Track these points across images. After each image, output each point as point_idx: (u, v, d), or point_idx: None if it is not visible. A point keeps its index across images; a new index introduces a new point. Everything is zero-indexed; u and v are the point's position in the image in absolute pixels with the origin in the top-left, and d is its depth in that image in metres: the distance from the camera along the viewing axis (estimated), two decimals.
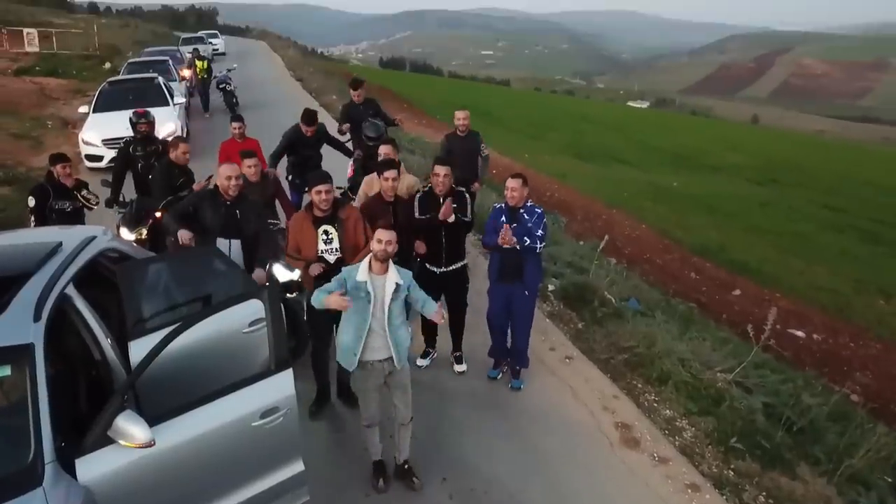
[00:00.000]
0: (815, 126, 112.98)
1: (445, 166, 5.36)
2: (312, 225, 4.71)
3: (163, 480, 3.09)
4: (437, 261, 5.46)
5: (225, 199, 4.99)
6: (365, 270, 4.03)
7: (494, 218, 5.24)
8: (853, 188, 27.73)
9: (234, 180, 4.94)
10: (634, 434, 4.81)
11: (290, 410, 3.49)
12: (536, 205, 5.29)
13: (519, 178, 5.16)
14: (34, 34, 30.95)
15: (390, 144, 6.24)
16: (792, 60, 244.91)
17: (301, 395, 4.30)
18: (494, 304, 5.43)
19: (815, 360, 9.58)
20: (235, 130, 7.93)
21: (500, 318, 5.44)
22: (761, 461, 4.71)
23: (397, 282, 4.05)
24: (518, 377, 5.55)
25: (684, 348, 5.97)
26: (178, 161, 6.44)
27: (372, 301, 4.00)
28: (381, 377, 4.18)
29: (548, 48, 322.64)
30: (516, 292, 5.25)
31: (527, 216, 5.14)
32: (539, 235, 5.11)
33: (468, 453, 4.60)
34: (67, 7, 77.56)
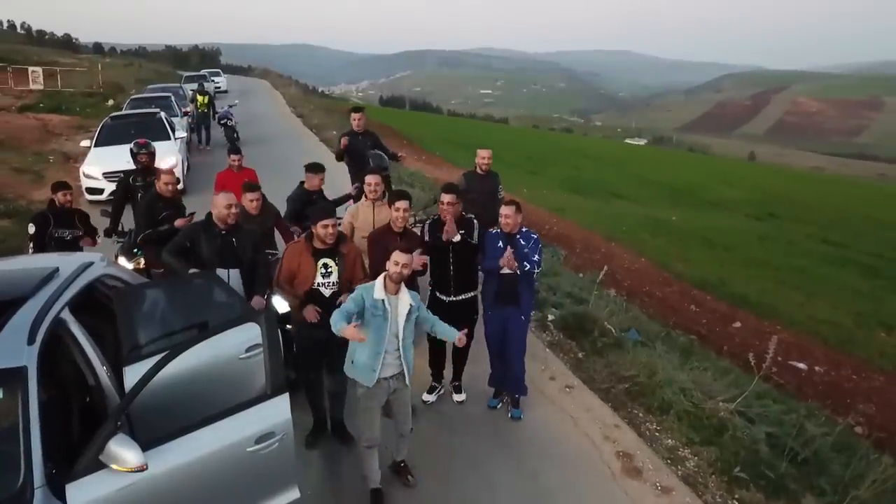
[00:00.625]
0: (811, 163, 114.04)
1: (451, 193, 5.36)
2: (312, 256, 4.62)
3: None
4: (446, 289, 5.42)
5: (220, 229, 4.96)
6: (381, 289, 4.15)
7: (491, 243, 5.24)
8: (851, 223, 27.83)
9: (234, 209, 4.93)
10: (636, 463, 4.73)
11: (286, 436, 3.44)
12: (532, 230, 5.31)
13: (512, 206, 5.18)
14: (39, 72, 31.42)
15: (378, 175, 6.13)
16: (787, 98, 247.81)
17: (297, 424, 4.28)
18: (491, 327, 5.39)
19: (817, 392, 9.49)
20: (234, 162, 7.98)
21: (498, 341, 5.39)
22: (766, 491, 4.63)
23: (410, 303, 4.22)
24: (517, 406, 5.46)
25: (685, 378, 5.91)
26: (162, 192, 6.23)
27: (389, 319, 4.14)
28: (387, 395, 4.30)
29: (545, 87, 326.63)
30: (512, 317, 5.24)
31: (523, 241, 5.16)
32: (536, 260, 5.14)
33: (468, 484, 4.52)
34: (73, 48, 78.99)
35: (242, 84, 47.60)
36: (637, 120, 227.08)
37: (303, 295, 4.62)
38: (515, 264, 4.99)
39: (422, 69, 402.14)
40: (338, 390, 4.87)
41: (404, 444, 4.56)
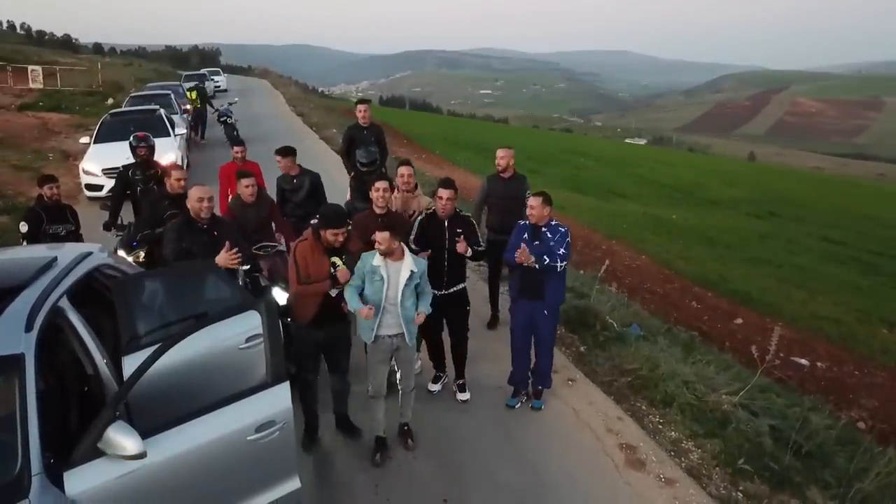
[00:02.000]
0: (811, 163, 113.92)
1: (449, 189, 5.32)
2: (324, 254, 4.50)
3: (153, 495, 2.99)
4: (437, 284, 5.35)
5: (201, 225, 4.87)
6: (380, 256, 4.42)
7: (517, 235, 5.19)
8: (852, 221, 27.82)
9: (206, 202, 4.84)
10: (639, 455, 4.70)
11: (286, 424, 3.40)
12: (561, 224, 5.24)
13: (540, 197, 5.13)
14: (39, 71, 31.39)
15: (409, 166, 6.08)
16: (787, 99, 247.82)
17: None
18: (517, 319, 5.34)
19: (819, 387, 9.44)
20: (237, 155, 7.94)
21: (524, 334, 5.32)
22: (770, 483, 4.60)
23: (412, 269, 4.46)
24: (539, 397, 5.43)
25: (688, 371, 5.87)
26: (173, 189, 5.93)
27: (385, 283, 4.40)
28: (390, 352, 4.60)
29: (545, 87, 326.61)
30: (538, 310, 5.18)
31: (549, 234, 5.10)
32: (560, 254, 5.05)
33: (470, 477, 4.48)
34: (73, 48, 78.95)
35: (242, 83, 47.60)
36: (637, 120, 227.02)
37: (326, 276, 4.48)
38: (532, 259, 4.91)
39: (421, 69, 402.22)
40: (341, 388, 4.84)
41: (409, 403, 4.81)
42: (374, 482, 4.38)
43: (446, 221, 5.28)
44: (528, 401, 5.44)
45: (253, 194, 5.98)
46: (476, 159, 31.79)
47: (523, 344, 5.32)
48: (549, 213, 5.12)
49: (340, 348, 4.73)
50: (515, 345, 5.38)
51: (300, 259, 4.49)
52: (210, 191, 4.95)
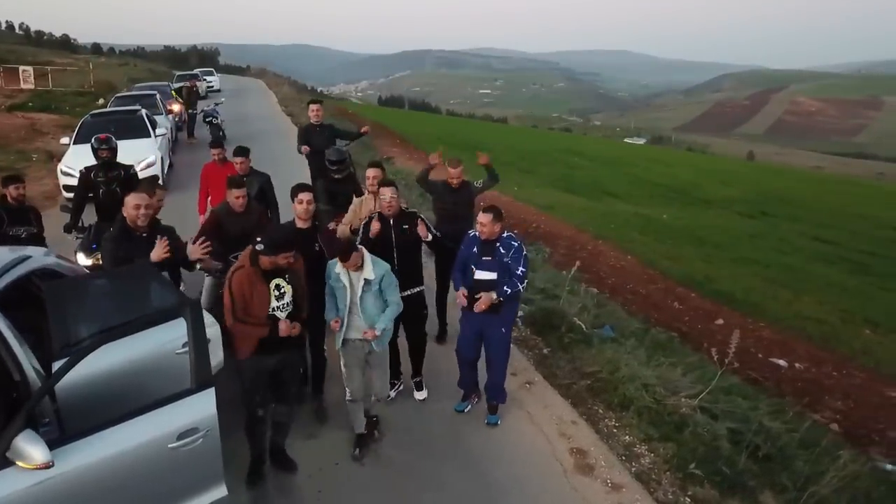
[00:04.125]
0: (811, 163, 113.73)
1: (391, 186, 5.26)
2: (263, 279, 4.16)
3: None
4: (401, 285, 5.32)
5: (140, 234, 4.72)
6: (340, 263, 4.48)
7: (467, 247, 5.00)
8: (846, 221, 27.72)
9: (144, 209, 4.69)
10: (589, 460, 4.64)
11: (210, 431, 3.35)
12: (514, 236, 5.02)
13: (490, 213, 4.85)
14: (30, 72, 31.30)
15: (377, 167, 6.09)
16: (786, 98, 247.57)
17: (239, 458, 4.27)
18: (465, 331, 5.15)
19: (796, 388, 9.39)
20: (216, 156, 7.91)
21: (470, 350, 5.16)
22: (720, 488, 4.54)
23: (366, 277, 4.49)
24: (495, 413, 5.22)
25: (650, 374, 5.81)
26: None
27: (348, 289, 4.50)
28: (362, 354, 4.64)
29: (545, 87, 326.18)
30: (489, 325, 4.98)
31: (503, 249, 4.87)
32: (520, 274, 4.85)
33: (416, 481, 4.44)
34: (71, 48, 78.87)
35: (238, 84, 47.56)
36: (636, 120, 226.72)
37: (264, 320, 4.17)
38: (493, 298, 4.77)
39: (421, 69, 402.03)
40: (286, 420, 4.57)
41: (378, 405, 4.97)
42: (316, 488, 4.33)
43: (392, 220, 5.23)
44: (478, 403, 5.34)
45: (242, 206, 5.73)
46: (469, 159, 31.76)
47: (470, 355, 5.17)
48: (499, 229, 4.91)
49: (290, 374, 4.49)
50: (461, 357, 5.24)
51: (237, 291, 4.11)
52: (147, 198, 4.82)
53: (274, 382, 4.39)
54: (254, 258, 4.13)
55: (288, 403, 4.52)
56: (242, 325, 4.14)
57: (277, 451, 4.63)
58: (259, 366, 4.26)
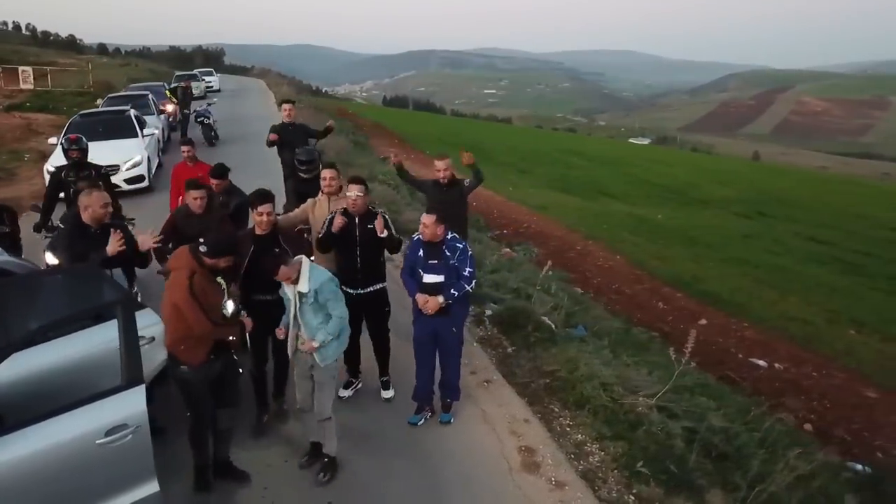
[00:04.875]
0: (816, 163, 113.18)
1: (359, 184, 5.30)
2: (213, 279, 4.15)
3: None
4: (353, 282, 5.33)
5: (94, 230, 4.74)
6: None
7: (413, 251, 5.04)
8: (844, 221, 27.58)
9: (110, 208, 4.77)
10: (536, 458, 4.67)
11: (140, 428, 3.39)
12: (458, 239, 5.07)
13: (433, 215, 4.90)
14: (29, 72, 31.47)
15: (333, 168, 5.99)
16: (792, 98, 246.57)
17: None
18: (419, 333, 5.17)
19: (773, 389, 9.38)
20: (185, 154, 7.96)
21: (427, 349, 5.16)
22: (666, 486, 4.56)
23: (299, 290, 4.34)
24: (448, 410, 5.25)
25: (609, 373, 5.83)
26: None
27: (291, 302, 4.41)
28: (307, 368, 4.49)
29: (549, 87, 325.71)
30: (442, 326, 5.03)
31: (448, 252, 4.93)
32: (468, 275, 4.92)
33: (363, 476, 4.48)
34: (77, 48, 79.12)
35: (239, 84, 47.69)
36: (641, 120, 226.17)
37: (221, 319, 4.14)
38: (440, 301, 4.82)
39: (426, 69, 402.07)
40: (228, 426, 4.48)
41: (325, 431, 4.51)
42: (262, 484, 4.36)
43: (357, 218, 5.26)
44: (432, 417, 5.27)
45: (202, 206, 5.63)
46: None
47: (426, 359, 5.16)
48: (442, 231, 4.92)
49: (232, 378, 4.43)
50: (418, 360, 5.22)
51: (201, 294, 4.02)
52: (109, 197, 4.88)
53: (217, 387, 4.31)
54: (199, 260, 4.08)
55: (232, 406, 4.45)
56: (220, 327, 4.10)
57: (223, 463, 4.51)
58: (209, 371, 4.20)
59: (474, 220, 16.99)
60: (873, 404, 9.32)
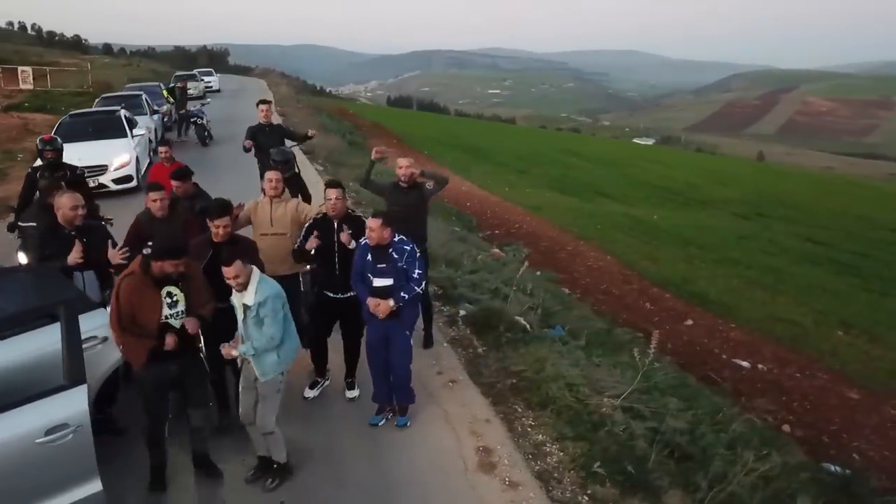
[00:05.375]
0: (821, 163, 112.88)
1: (337, 188, 5.29)
2: (154, 287, 4.08)
3: None
4: (332, 287, 5.35)
5: (69, 231, 4.73)
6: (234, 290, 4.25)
7: (360, 256, 4.98)
8: (843, 222, 27.52)
9: (80, 210, 4.76)
10: (493, 458, 4.68)
11: (81, 427, 3.41)
12: (405, 241, 5.02)
13: (378, 218, 4.86)
14: (29, 72, 31.65)
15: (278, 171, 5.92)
16: (797, 98, 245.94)
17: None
18: (370, 337, 5.14)
19: (754, 389, 9.36)
20: (162, 154, 7.99)
21: (379, 352, 5.11)
22: (622, 487, 4.55)
23: (244, 303, 4.21)
24: (405, 414, 5.20)
25: (576, 373, 5.83)
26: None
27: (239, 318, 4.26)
28: (252, 380, 4.34)
29: (554, 87, 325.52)
30: (393, 330, 4.98)
31: (396, 255, 4.88)
32: (417, 277, 4.89)
33: (318, 476, 4.49)
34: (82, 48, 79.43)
35: (240, 84, 47.83)
36: (646, 120, 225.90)
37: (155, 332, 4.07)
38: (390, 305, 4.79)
39: (430, 69, 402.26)
40: (201, 424, 4.47)
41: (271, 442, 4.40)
42: (217, 485, 4.38)
43: (336, 222, 5.26)
44: (394, 417, 5.24)
45: (162, 209, 5.51)
46: (464, 159, 31.82)
47: (380, 362, 5.12)
48: (389, 234, 4.88)
49: (195, 380, 4.38)
50: (371, 364, 5.18)
51: (124, 299, 3.97)
52: (81, 198, 4.90)
53: (180, 389, 4.33)
54: (145, 265, 4.06)
55: (200, 407, 4.41)
56: (128, 335, 4.03)
57: (201, 458, 4.54)
58: (159, 373, 4.17)
59: (466, 221, 17.03)
60: (854, 406, 9.30)
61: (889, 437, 8.43)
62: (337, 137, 21.31)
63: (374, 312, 4.89)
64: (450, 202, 19.12)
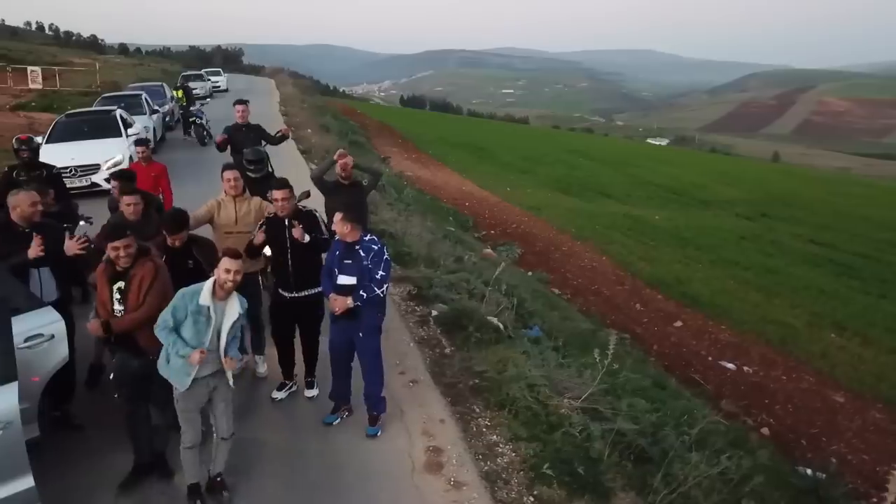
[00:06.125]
0: (838, 163, 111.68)
1: (283, 189, 5.31)
2: (108, 280, 4.11)
3: None
4: (286, 286, 5.35)
5: (22, 228, 4.72)
6: (208, 294, 4.02)
7: (331, 252, 4.99)
8: (849, 223, 27.28)
9: (39, 206, 4.79)
10: (441, 458, 4.67)
11: (11, 424, 3.44)
12: (374, 240, 4.98)
13: (340, 213, 4.85)
14: (38, 72, 31.94)
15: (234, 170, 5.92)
16: (813, 98, 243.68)
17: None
18: (333, 337, 5.08)
19: (737, 392, 9.32)
20: (140, 154, 8.05)
21: (340, 355, 5.06)
22: (570, 488, 4.54)
23: (239, 311, 4.12)
24: (375, 424, 5.03)
25: (539, 374, 5.81)
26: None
27: (212, 325, 4.02)
28: (207, 394, 4.15)
29: (567, 86, 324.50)
30: (355, 331, 4.93)
31: (363, 253, 4.83)
32: (379, 278, 4.80)
33: (269, 474, 4.52)
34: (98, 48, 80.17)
35: (249, 83, 47.94)
36: (660, 120, 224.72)
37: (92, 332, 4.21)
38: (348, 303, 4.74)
39: (443, 69, 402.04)
40: (159, 423, 4.41)
41: (224, 452, 4.30)
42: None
43: (286, 220, 5.28)
44: (349, 416, 5.19)
45: (135, 213, 5.39)
46: (468, 160, 31.82)
47: (340, 363, 5.08)
48: (350, 230, 4.82)
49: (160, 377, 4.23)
50: (332, 363, 5.15)
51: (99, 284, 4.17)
52: (38, 196, 4.93)
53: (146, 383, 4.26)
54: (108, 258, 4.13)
55: (157, 406, 4.34)
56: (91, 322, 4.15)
57: (156, 458, 4.48)
58: (123, 364, 4.23)
59: (462, 221, 17.04)
60: (838, 409, 9.23)
61: (869, 440, 8.37)
62: (335, 137, 21.31)
63: (332, 308, 4.90)
64: (448, 202, 19.15)
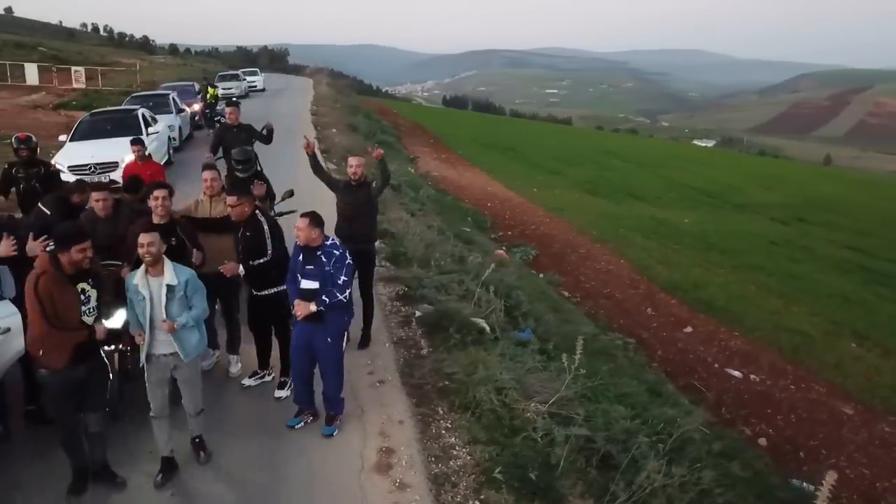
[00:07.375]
0: (892, 167, 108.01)
1: (232, 195, 5.38)
2: (70, 283, 4.04)
3: None
4: (253, 283, 5.50)
5: None
6: (142, 273, 4.28)
7: (294, 256, 5.00)
8: (892, 229, 26.33)
9: None
10: (392, 460, 4.68)
11: None
12: (336, 245, 4.96)
13: (307, 218, 4.81)
14: (81, 72, 33.02)
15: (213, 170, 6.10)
16: (869, 99, 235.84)
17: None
18: (295, 340, 5.11)
19: (739, 400, 9.10)
20: (135, 153, 8.30)
21: (302, 358, 5.03)
22: (519, 493, 4.50)
23: (169, 283, 4.27)
24: (331, 424, 5.06)
25: (508, 377, 5.77)
26: None
27: (148, 301, 4.24)
28: (167, 371, 4.41)
29: (612, 87, 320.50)
30: (315, 335, 4.91)
31: (325, 258, 4.81)
32: (341, 283, 4.80)
33: (217, 470, 4.59)
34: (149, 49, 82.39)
35: (287, 83, 48.81)
36: (707, 121, 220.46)
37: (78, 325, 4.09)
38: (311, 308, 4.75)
39: (487, 69, 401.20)
40: (99, 430, 4.38)
41: (199, 423, 4.64)
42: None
43: (242, 225, 5.38)
44: (313, 421, 5.16)
45: (105, 209, 5.44)
46: (498, 160, 31.72)
47: (303, 366, 5.04)
48: (318, 235, 4.82)
49: (99, 382, 4.36)
50: (294, 367, 5.18)
51: (45, 295, 3.93)
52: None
53: (83, 391, 4.23)
54: (55, 262, 4.01)
55: (99, 411, 4.35)
56: (59, 330, 3.98)
57: (101, 467, 4.43)
58: (71, 375, 4.12)
59: (480, 221, 16.99)
60: (845, 421, 8.94)
61: (873, 454, 8.09)
62: (361, 137, 21.49)
63: (295, 313, 4.96)
64: (470, 203, 19.15)
